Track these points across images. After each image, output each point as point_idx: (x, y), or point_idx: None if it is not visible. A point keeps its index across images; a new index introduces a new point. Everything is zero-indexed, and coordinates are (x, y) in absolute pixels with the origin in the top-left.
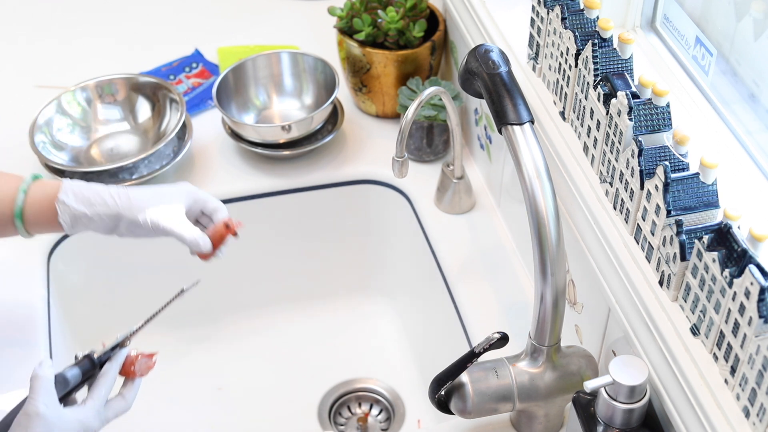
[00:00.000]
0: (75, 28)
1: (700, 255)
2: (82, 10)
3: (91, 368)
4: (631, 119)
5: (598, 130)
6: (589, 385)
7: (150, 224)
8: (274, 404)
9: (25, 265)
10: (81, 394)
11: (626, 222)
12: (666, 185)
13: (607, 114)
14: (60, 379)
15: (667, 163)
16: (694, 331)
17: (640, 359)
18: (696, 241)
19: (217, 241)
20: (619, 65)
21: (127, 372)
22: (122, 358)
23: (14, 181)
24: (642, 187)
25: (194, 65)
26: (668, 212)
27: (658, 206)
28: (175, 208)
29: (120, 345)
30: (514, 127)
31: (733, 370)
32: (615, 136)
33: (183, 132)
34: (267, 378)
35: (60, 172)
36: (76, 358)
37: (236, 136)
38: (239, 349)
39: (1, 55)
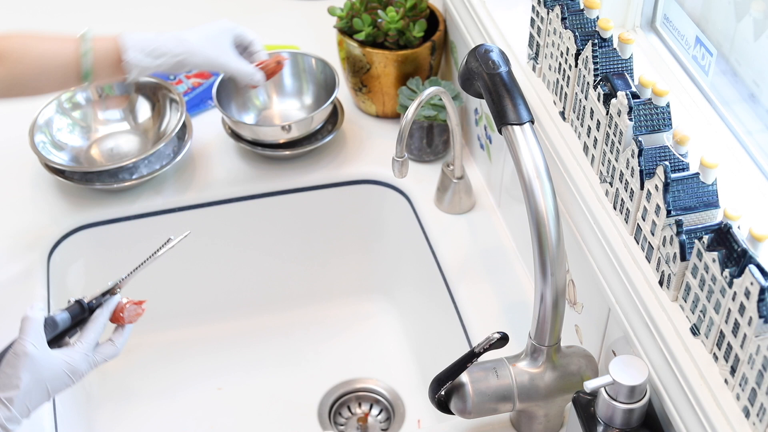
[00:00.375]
0: (75, 28)
1: (700, 255)
2: (82, 10)
3: (81, 313)
4: (631, 119)
5: (598, 130)
6: (589, 385)
7: (210, 65)
8: (274, 404)
9: (25, 265)
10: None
11: (626, 222)
12: (666, 185)
13: (607, 114)
14: (49, 322)
15: (667, 163)
16: (694, 331)
17: (640, 359)
18: (696, 241)
19: (269, 74)
20: (619, 65)
21: (117, 319)
22: (113, 305)
23: (71, 44)
24: (642, 187)
25: None
26: (668, 212)
27: (658, 206)
28: (226, 47)
29: (110, 292)
30: (514, 127)
31: (733, 370)
32: (615, 136)
33: (183, 132)
34: (267, 378)
35: (60, 172)
36: (68, 302)
37: (236, 136)
38: (239, 349)
39: None
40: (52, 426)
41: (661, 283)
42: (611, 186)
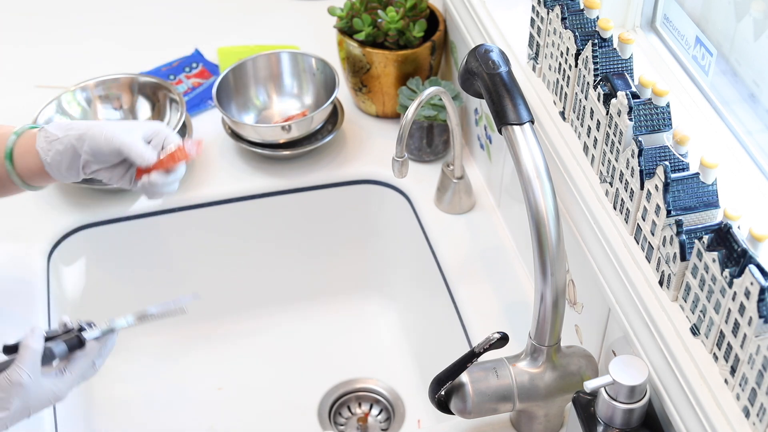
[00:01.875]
0: (75, 28)
1: (700, 255)
2: (82, 11)
3: (78, 346)
4: (631, 119)
5: (598, 130)
6: (589, 385)
7: (104, 138)
8: (274, 404)
9: (25, 265)
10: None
11: (626, 222)
12: (666, 185)
13: (607, 114)
14: (47, 353)
15: (667, 163)
16: (694, 331)
17: (640, 359)
18: (696, 241)
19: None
20: (619, 65)
21: (177, 158)
22: (111, 345)
23: (10, 128)
24: (642, 187)
25: (194, 65)
26: (668, 212)
27: (658, 206)
28: (133, 130)
29: (110, 330)
30: (514, 127)
31: (733, 370)
32: (615, 136)
33: (183, 132)
34: (267, 378)
35: None
36: (65, 326)
37: (236, 136)
38: (239, 349)
39: (1, 55)
40: (52, 426)
41: (661, 283)
42: (611, 186)
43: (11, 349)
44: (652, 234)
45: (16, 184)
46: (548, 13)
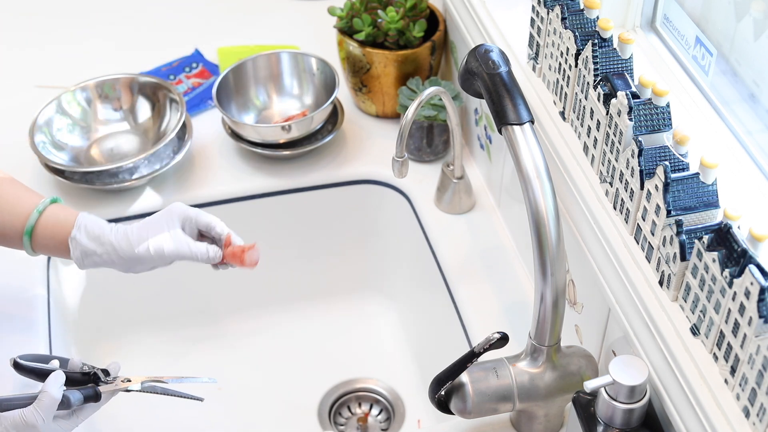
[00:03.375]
0: (75, 28)
1: (700, 255)
2: (82, 11)
3: (93, 398)
4: (631, 119)
5: (598, 130)
6: (589, 385)
7: (155, 254)
8: (274, 404)
9: (25, 265)
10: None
11: (626, 222)
12: (666, 185)
13: (607, 114)
14: (65, 400)
15: (667, 163)
16: (694, 331)
17: (640, 359)
18: (696, 241)
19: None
20: (619, 65)
21: (237, 259)
22: (114, 395)
23: (33, 198)
24: (642, 187)
25: (194, 65)
26: (668, 212)
27: (658, 206)
28: (172, 230)
29: (125, 383)
30: (514, 127)
31: (733, 370)
32: (615, 136)
33: (183, 132)
34: (267, 378)
35: (60, 172)
36: (88, 374)
37: (236, 136)
38: (239, 349)
39: (1, 55)
40: None
41: (661, 283)
42: (611, 186)
43: (21, 368)
44: (652, 234)
45: (25, 250)
46: (548, 13)
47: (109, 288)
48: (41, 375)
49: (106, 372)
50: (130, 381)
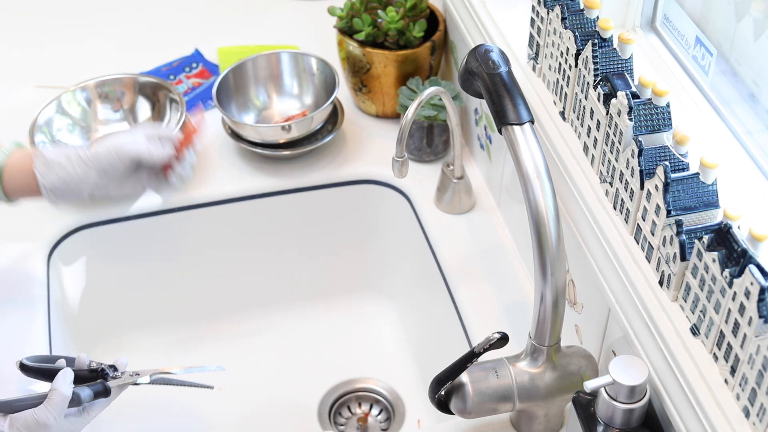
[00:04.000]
0: (75, 28)
1: (700, 255)
2: (82, 11)
3: (102, 393)
4: (631, 119)
5: (598, 130)
6: (589, 385)
7: (115, 155)
8: (274, 404)
9: (25, 265)
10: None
11: (626, 222)
12: (666, 185)
13: (607, 114)
14: (75, 397)
15: (667, 163)
16: (694, 331)
17: (640, 359)
18: (696, 241)
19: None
20: (619, 65)
21: (190, 132)
22: (124, 390)
23: None
24: (642, 187)
25: (194, 65)
26: (668, 212)
27: (658, 206)
28: (133, 134)
29: (133, 377)
30: (514, 127)
31: (733, 370)
32: (615, 136)
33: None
34: (267, 378)
35: None
36: (95, 371)
37: (236, 136)
38: (239, 349)
39: (1, 55)
40: None
41: (661, 283)
42: (611, 186)
43: (28, 369)
44: (652, 234)
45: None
46: (548, 13)
47: (109, 288)
48: (48, 375)
49: (113, 368)
50: (138, 375)
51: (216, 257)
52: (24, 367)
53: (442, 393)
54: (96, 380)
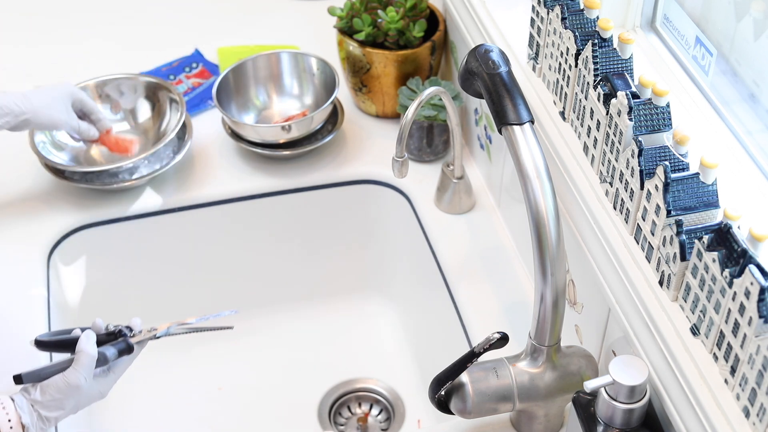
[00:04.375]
0: (75, 28)
1: (700, 255)
2: (82, 11)
3: (126, 351)
4: (631, 119)
5: (598, 130)
6: (589, 385)
7: (53, 124)
8: (274, 404)
9: (25, 265)
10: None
11: (626, 222)
12: (666, 185)
13: (607, 114)
14: (101, 357)
15: (667, 163)
16: (694, 331)
17: (640, 359)
18: (696, 241)
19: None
20: (619, 65)
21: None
22: (144, 346)
23: None
24: (642, 187)
25: (194, 65)
26: (668, 212)
27: (658, 206)
28: (67, 109)
29: (153, 337)
30: (514, 127)
31: (733, 370)
32: (615, 136)
33: (183, 132)
34: (267, 378)
35: (60, 172)
36: (113, 333)
37: (236, 136)
38: (239, 349)
39: (1, 55)
40: (52, 427)
41: (661, 283)
42: (611, 186)
43: (45, 345)
44: (652, 234)
45: None
46: (548, 13)
47: (109, 288)
48: (66, 346)
49: (129, 328)
50: (156, 329)
51: (216, 257)
52: (40, 344)
53: (442, 393)
54: (116, 340)
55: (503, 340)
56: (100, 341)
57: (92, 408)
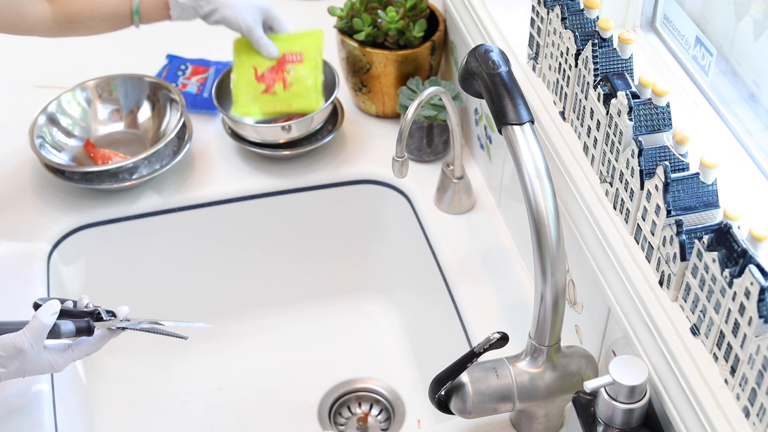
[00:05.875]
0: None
1: (700, 255)
2: None
3: (86, 332)
4: (631, 119)
5: (598, 130)
6: (589, 385)
7: (239, 25)
8: (274, 404)
9: (25, 265)
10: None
11: (626, 222)
12: (666, 185)
13: (607, 114)
14: (55, 329)
15: (667, 163)
16: (694, 331)
17: (640, 359)
18: (696, 241)
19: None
20: (619, 65)
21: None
22: (115, 335)
23: None
24: (642, 187)
25: (183, 67)
26: (668, 212)
27: (658, 206)
28: (258, 19)
29: (121, 329)
30: (514, 127)
31: (733, 370)
32: (615, 136)
33: (183, 132)
34: (267, 378)
35: (60, 172)
36: (90, 312)
37: (236, 136)
38: (239, 349)
39: (1, 55)
40: (52, 426)
41: (661, 283)
42: (611, 186)
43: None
44: (652, 234)
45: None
46: (548, 13)
47: (109, 288)
48: (62, 315)
49: (112, 313)
50: (128, 321)
51: (216, 257)
52: (37, 307)
53: (442, 393)
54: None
55: (503, 340)
56: (75, 315)
57: (92, 408)
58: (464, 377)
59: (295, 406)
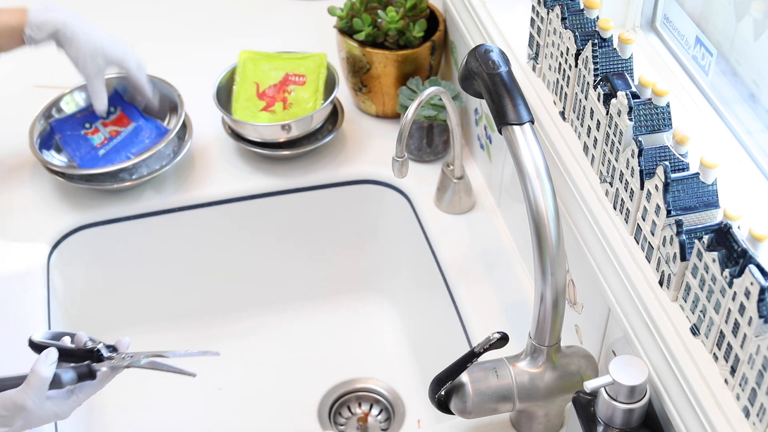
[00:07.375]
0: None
1: (700, 255)
2: (82, 10)
3: (88, 376)
4: (631, 119)
5: (598, 130)
6: (589, 385)
7: (83, 75)
8: (274, 404)
9: (25, 264)
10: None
11: (626, 222)
12: (666, 185)
13: (607, 114)
14: (56, 379)
15: (667, 163)
16: (694, 331)
17: (640, 359)
18: (696, 241)
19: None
20: (619, 65)
21: None
22: (118, 372)
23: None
24: (642, 187)
25: (112, 109)
26: (668, 212)
27: (658, 206)
28: (102, 65)
29: (124, 367)
30: (514, 127)
31: (733, 370)
32: (615, 136)
33: (183, 132)
34: (267, 378)
35: (60, 173)
36: (90, 351)
37: (236, 135)
38: (239, 348)
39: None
40: (52, 426)
41: (661, 283)
42: (611, 186)
43: (37, 347)
44: (652, 234)
45: None
46: (548, 13)
47: (109, 288)
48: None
49: (112, 348)
50: (132, 357)
51: (216, 257)
52: (34, 345)
53: (442, 393)
54: (85, 361)
55: (503, 340)
56: (76, 356)
57: (92, 408)
58: (464, 377)
59: (295, 406)
